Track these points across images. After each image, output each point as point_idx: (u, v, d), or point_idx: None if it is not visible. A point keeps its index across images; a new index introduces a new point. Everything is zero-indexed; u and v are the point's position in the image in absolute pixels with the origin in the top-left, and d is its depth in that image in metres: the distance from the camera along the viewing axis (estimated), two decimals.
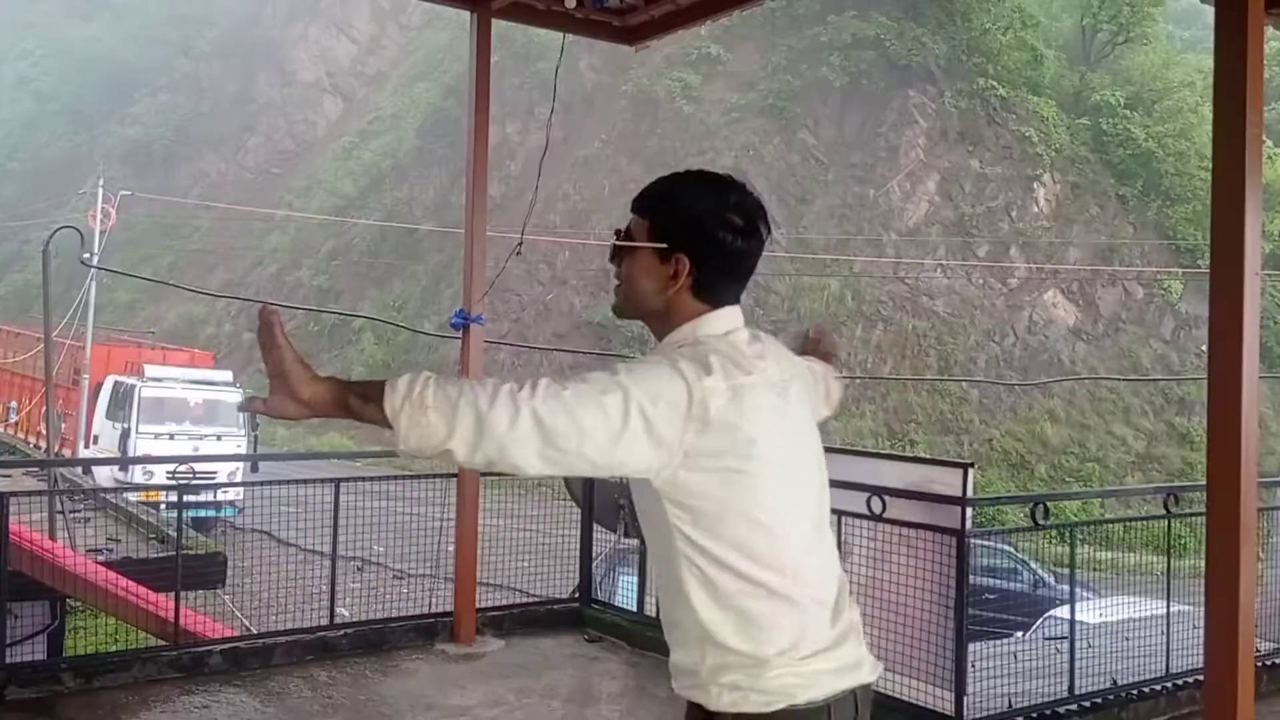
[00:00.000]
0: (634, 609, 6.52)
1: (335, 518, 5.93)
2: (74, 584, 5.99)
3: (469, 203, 6.70)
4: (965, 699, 4.73)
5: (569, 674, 5.73)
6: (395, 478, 6.97)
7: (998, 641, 6.81)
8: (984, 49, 31.93)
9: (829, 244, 30.08)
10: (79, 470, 14.37)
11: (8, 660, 5.26)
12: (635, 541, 6.70)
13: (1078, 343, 29.12)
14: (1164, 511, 5.73)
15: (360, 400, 1.77)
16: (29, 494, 5.99)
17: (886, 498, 5.05)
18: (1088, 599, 7.79)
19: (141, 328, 33.40)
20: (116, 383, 21.75)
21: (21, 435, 23.84)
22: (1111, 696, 5.27)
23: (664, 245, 2.02)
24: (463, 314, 6.53)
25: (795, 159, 31.58)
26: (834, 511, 5.24)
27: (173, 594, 5.86)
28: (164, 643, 5.70)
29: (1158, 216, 30.92)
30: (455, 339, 6.67)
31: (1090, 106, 32.46)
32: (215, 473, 14.94)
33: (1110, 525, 8.06)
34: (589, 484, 6.86)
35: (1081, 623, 5.63)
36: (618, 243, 2.08)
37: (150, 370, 21.73)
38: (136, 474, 13.12)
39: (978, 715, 4.81)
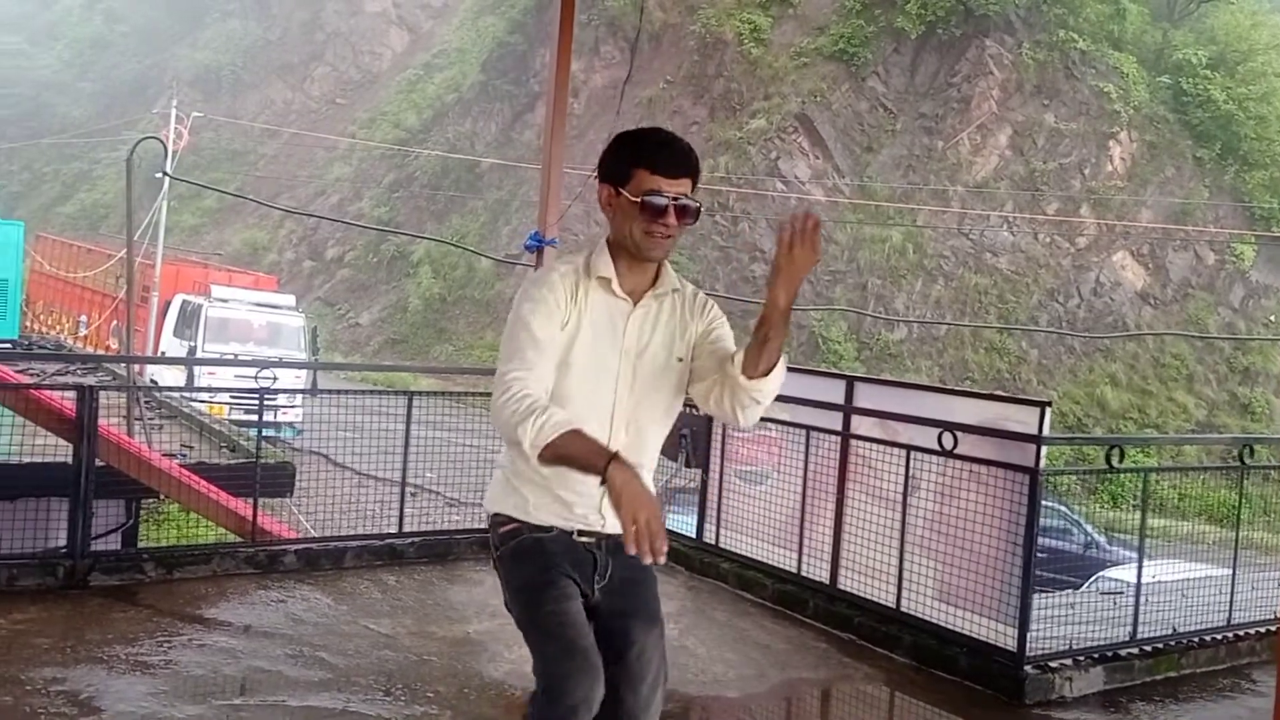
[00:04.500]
0: (693, 535, 6.60)
1: (408, 428, 6.06)
2: (159, 478, 6.19)
3: (548, 128, 6.71)
4: (1028, 636, 4.75)
5: None
6: (463, 394, 7.09)
7: (1052, 594, 6.83)
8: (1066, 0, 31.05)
9: (893, 195, 29.65)
10: (150, 380, 14.74)
11: (93, 548, 5.45)
12: (697, 471, 6.77)
13: (1144, 306, 28.56)
14: (1238, 463, 5.68)
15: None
16: (115, 388, 6.16)
17: (958, 434, 5.05)
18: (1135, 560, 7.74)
19: (206, 251, 33.92)
20: (184, 301, 22.16)
21: (91, 348, 24.44)
22: (1173, 643, 5.28)
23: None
24: (537, 236, 6.59)
25: (863, 106, 31.02)
26: (904, 446, 5.27)
27: (245, 498, 6.06)
28: (241, 540, 5.90)
29: (1234, 181, 30.05)
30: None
31: (1171, 65, 31.44)
32: (277, 396, 15.13)
33: (1165, 492, 8.00)
34: None
35: (1129, 583, 5.63)
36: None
37: (217, 291, 22.11)
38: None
39: (1039, 653, 4.83)
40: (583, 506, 2.59)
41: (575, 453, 2.29)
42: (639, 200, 2.52)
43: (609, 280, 2.58)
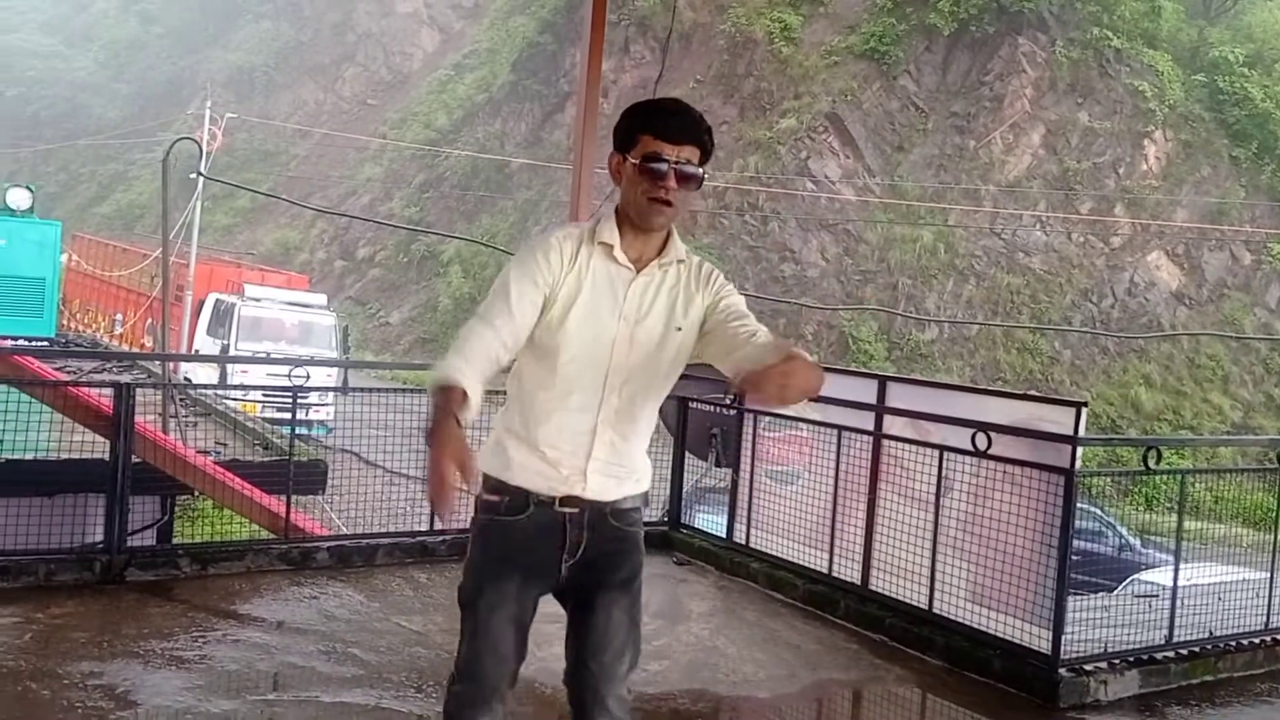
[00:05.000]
0: (722, 535, 6.59)
1: None
2: (194, 475, 6.26)
3: (579, 127, 6.71)
4: (1063, 639, 4.70)
5: (659, 593, 5.81)
6: (493, 392, 7.09)
7: (1085, 596, 6.75)
8: None
9: (924, 194, 29.46)
10: (184, 378, 14.90)
11: (129, 544, 5.51)
12: (728, 471, 6.75)
13: (1179, 307, 28.23)
14: (1276, 465, 5.60)
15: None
16: (151, 385, 6.22)
17: (992, 434, 5.01)
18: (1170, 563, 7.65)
19: (239, 251, 34.25)
20: (218, 300, 22.39)
21: (127, 346, 24.72)
22: (1209, 647, 5.21)
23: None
24: None
25: (894, 105, 30.85)
26: (937, 447, 5.22)
27: (278, 495, 6.10)
28: (275, 536, 5.94)
29: (1271, 180, 29.65)
30: None
31: (1207, 62, 31.06)
32: (308, 394, 15.27)
33: (1199, 495, 7.90)
34: (682, 413, 6.91)
35: (1165, 586, 5.56)
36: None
37: (250, 290, 22.31)
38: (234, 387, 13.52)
39: (1074, 656, 4.78)
40: (567, 466, 2.59)
41: (434, 400, 2.40)
42: (639, 162, 2.53)
43: (611, 246, 2.59)
